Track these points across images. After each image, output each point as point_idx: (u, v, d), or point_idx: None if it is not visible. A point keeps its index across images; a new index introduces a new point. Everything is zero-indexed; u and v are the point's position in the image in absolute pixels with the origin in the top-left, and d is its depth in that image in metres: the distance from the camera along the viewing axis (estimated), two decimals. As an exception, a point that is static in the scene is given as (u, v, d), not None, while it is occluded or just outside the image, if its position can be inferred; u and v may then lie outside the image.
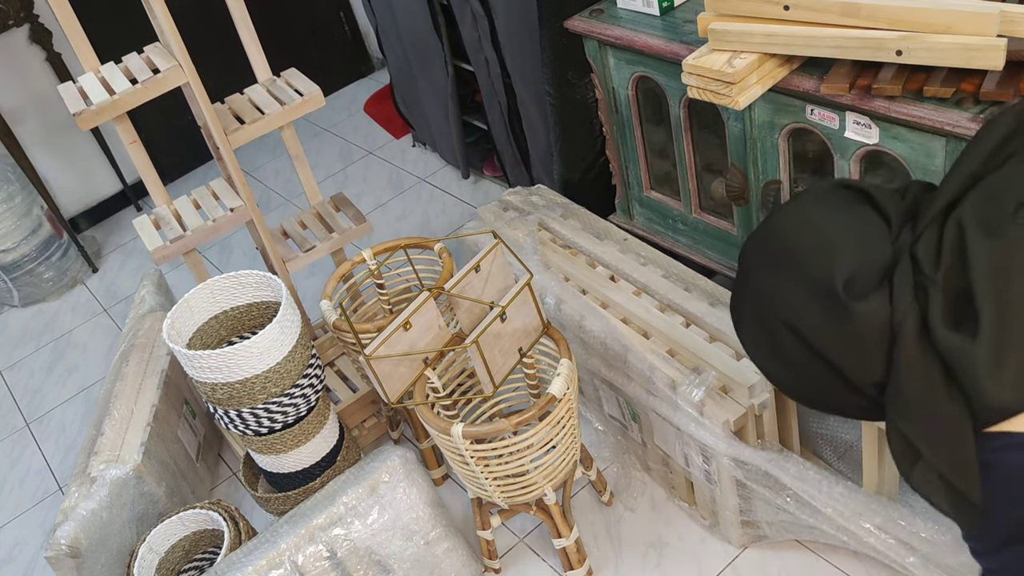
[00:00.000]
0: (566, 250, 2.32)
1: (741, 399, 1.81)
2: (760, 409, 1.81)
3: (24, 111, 3.58)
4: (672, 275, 2.12)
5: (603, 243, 2.27)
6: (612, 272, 2.19)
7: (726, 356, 1.86)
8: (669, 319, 2.00)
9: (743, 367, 1.82)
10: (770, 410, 1.85)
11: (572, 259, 2.27)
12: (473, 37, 2.80)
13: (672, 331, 1.96)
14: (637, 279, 2.13)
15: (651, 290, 2.09)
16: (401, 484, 1.91)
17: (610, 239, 2.29)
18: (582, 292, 2.17)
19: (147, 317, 2.60)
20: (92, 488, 2.11)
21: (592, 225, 2.36)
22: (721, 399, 1.81)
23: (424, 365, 1.82)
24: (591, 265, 2.24)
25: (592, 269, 2.22)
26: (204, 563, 2.20)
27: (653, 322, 2.00)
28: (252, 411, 1.92)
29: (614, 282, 2.16)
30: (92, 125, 2.05)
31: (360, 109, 4.19)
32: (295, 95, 2.25)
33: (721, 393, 1.83)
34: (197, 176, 4.09)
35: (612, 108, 2.33)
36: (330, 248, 2.39)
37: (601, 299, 2.13)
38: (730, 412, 1.78)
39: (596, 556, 2.05)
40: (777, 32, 1.69)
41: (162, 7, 1.97)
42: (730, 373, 1.82)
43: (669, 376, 1.87)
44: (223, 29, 2.50)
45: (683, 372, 1.88)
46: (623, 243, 2.26)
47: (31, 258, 3.40)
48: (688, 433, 1.83)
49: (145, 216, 2.31)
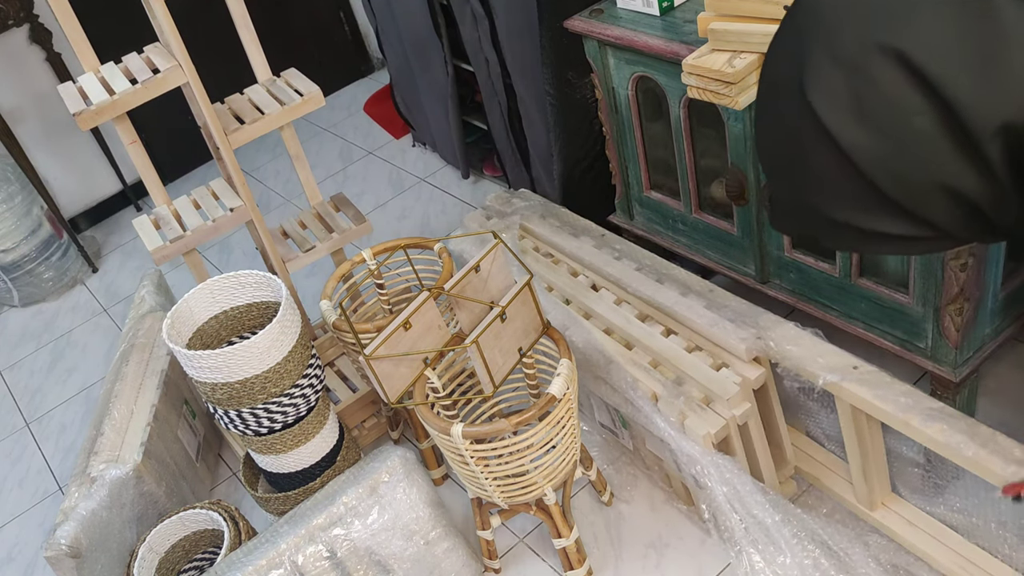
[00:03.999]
0: (548, 259, 2.32)
1: (722, 411, 1.81)
2: (743, 419, 1.81)
3: (24, 111, 3.58)
4: (645, 267, 2.13)
5: (579, 239, 2.28)
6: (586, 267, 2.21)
7: (706, 367, 1.87)
8: (650, 329, 2.01)
9: (723, 378, 1.83)
10: (755, 418, 1.86)
11: (554, 268, 2.28)
12: (473, 37, 2.80)
13: (653, 341, 1.97)
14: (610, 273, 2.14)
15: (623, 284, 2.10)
16: (401, 484, 1.91)
17: (587, 235, 2.30)
18: (566, 302, 2.18)
19: (147, 317, 2.60)
20: (92, 488, 2.11)
21: (571, 224, 2.37)
22: (703, 411, 1.82)
23: (424, 365, 1.82)
24: (573, 274, 2.25)
25: (574, 278, 2.23)
26: (204, 563, 2.20)
27: (634, 332, 2.01)
28: (252, 411, 1.92)
29: (595, 291, 2.17)
30: (92, 125, 2.06)
31: (360, 109, 4.20)
32: (295, 95, 2.25)
33: (703, 405, 1.84)
34: (197, 176, 4.09)
35: (612, 108, 2.33)
36: (330, 248, 2.39)
37: (584, 309, 2.14)
38: (711, 425, 1.79)
39: (596, 556, 2.05)
40: (777, 32, 1.68)
41: (162, 7, 1.97)
42: (710, 385, 1.83)
43: (651, 389, 1.89)
44: (223, 29, 2.50)
45: (665, 384, 1.89)
46: (599, 239, 2.27)
47: (31, 258, 3.40)
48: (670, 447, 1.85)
49: (145, 216, 2.31)
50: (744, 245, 2.19)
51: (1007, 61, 0.64)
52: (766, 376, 1.86)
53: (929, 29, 0.64)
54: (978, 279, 1.78)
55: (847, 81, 0.68)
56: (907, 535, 1.82)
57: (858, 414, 1.73)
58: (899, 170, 0.69)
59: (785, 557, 1.76)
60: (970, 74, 0.64)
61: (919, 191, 0.69)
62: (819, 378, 1.73)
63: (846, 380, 1.70)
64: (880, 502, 1.89)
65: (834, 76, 0.68)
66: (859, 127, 0.68)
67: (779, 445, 1.99)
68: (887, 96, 0.67)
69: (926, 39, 0.64)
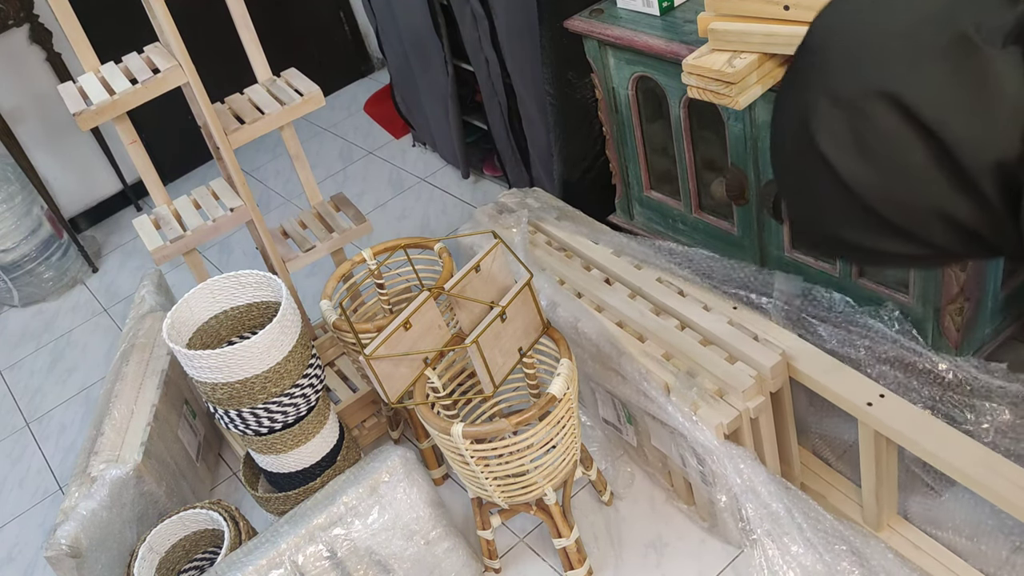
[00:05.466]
0: (561, 252, 2.31)
1: (736, 403, 1.81)
2: (755, 412, 1.81)
3: (24, 111, 3.58)
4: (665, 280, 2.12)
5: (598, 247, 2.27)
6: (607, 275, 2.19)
7: (720, 359, 1.87)
8: (664, 322, 1.99)
9: (737, 371, 1.82)
10: (766, 413, 1.85)
11: (567, 262, 2.27)
12: (473, 37, 2.80)
13: (667, 334, 1.96)
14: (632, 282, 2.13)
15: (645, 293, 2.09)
16: (401, 484, 1.91)
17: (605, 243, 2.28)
18: (577, 295, 2.17)
19: (147, 317, 2.60)
20: (92, 488, 2.11)
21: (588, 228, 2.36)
22: (715, 403, 1.82)
23: (424, 365, 1.82)
24: (586, 268, 2.24)
25: (587, 272, 2.22)
26: (204, 563, 2.20)
27: (648, 325, 2.00)
28: (252, 411, 1.92)
29: (609, 285, 2.16)
30: (92, 125, 2.05)
31: (360, 109, 4.20)
32: (295, 95, 2.25)
33: (716, 397, 1.83)
34: (197, 176, 4.09)
35: (612, 108, 2.33)
36: (330, 248, 2.39)
37: (596, 302, 2.13)
38: (723, 416, 1.79)
39: (596, 556, 2.05)
40: (777, 32, 1.68)
41: (162, 7, 1.97)
42: (724, 377, 1.82)
43: (663, 380, 1.88)
44: (223, 29, 2.50)
45: (677, 375, 1.88)
46: (619, 247, 2.26)
47: (31, 258, 3.40)
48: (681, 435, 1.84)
49: (145, 216, 2.31)
50: (744, 245, 2.19)
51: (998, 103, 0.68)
52: (783, 381, 1.85)
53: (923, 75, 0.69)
54: (978, 279, 1.78)
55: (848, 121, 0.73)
56: (912, 558, 1.81)
57: (879, 439, 1.72)
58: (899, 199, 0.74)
59: (799, 547, 1.76)
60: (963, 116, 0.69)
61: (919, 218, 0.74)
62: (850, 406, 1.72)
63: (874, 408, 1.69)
64: (887, 524, 1.88)
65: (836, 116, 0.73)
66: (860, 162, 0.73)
67: (788, 461, 1.99)
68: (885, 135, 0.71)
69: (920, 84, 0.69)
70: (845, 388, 1.73)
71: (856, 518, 1.91)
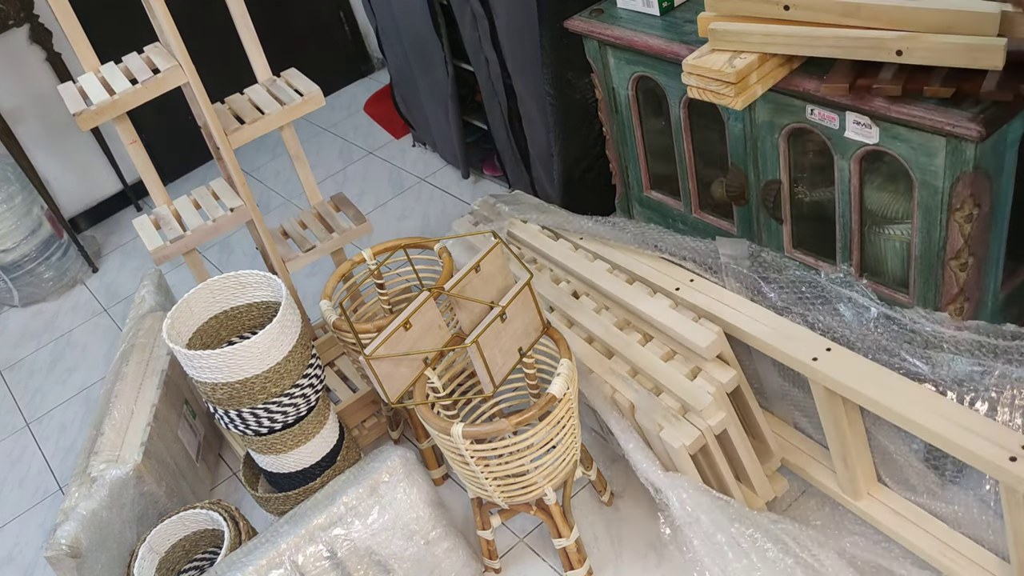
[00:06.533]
0: (532, 264, 2.33)
1: (698, 421, 1.82)
2: (719, 428, 1.82)
3: (24, 111, 3.58)
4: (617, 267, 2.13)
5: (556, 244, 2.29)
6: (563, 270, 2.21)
7: (681, 376, 1.87)
8: (628, 338, 2.01)
9: (697, 388, 1.84)
10: (733, 424, 1.86)
11: (537, 274, 2.29)
12: (473, 37, 2.80)
13: (631, 351, 1.98)
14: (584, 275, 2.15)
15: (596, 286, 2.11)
16: (401, 484, 1.91)
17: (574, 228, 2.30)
18: (550, 310, 2.20)
19: (147, 317, 2.60)
20: (92, 488, 2.11)
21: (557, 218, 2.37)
22: (678, 422, 1.83)
23: (424, 365, 1.82)
24: (555, 281, 2.26)
25: (556, 285, 2.24)
26: (204, 563, 2.20)
27: (613, 342, 2.02)
28: (252, 411, 1.93)
29: (576, 299, 2.18)
30: (92, 125, 2.06)
31: (360, 109, 4.20)
32: (295, 95, 2.25)
33: (678, 416, 1.84)
34: (197, 176, 4.09)
35: (612, 108, 2.33)
36: (330, 248, 2.39)
37: (566, 318, 2.15)
38: (686, 436, 1.80)
39: (596, 556, 2.05)
40: (777, 32, 1.69)
41: (162, 7, 1.97)
42: (684, 396, 1.84)
43: (628, 400, 1.91)
44: (223, 29, 2.51)
45: (641, 394, 1.90)
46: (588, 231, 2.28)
47: (31, 258, 3.40)
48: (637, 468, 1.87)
49: (145, 216, 2.31)
50: (744, 245, 2.19)
51: None
52: (738, 378, 1.86)
53: None
54: (978, 279, 1.78)
55: None
56: (892, 524, 1.82)
57: (832, 396, 1.73)
58: None
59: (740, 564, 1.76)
60: None
61: None
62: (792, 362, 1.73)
63: (819, 362, 1.70)
64: (865, 492, 1.88)
65: None
66: None
67: (761, 439, 1.99)
68: None
69: None
70: (790, 346, 1.74)
71: (834, 487, 1.92)
